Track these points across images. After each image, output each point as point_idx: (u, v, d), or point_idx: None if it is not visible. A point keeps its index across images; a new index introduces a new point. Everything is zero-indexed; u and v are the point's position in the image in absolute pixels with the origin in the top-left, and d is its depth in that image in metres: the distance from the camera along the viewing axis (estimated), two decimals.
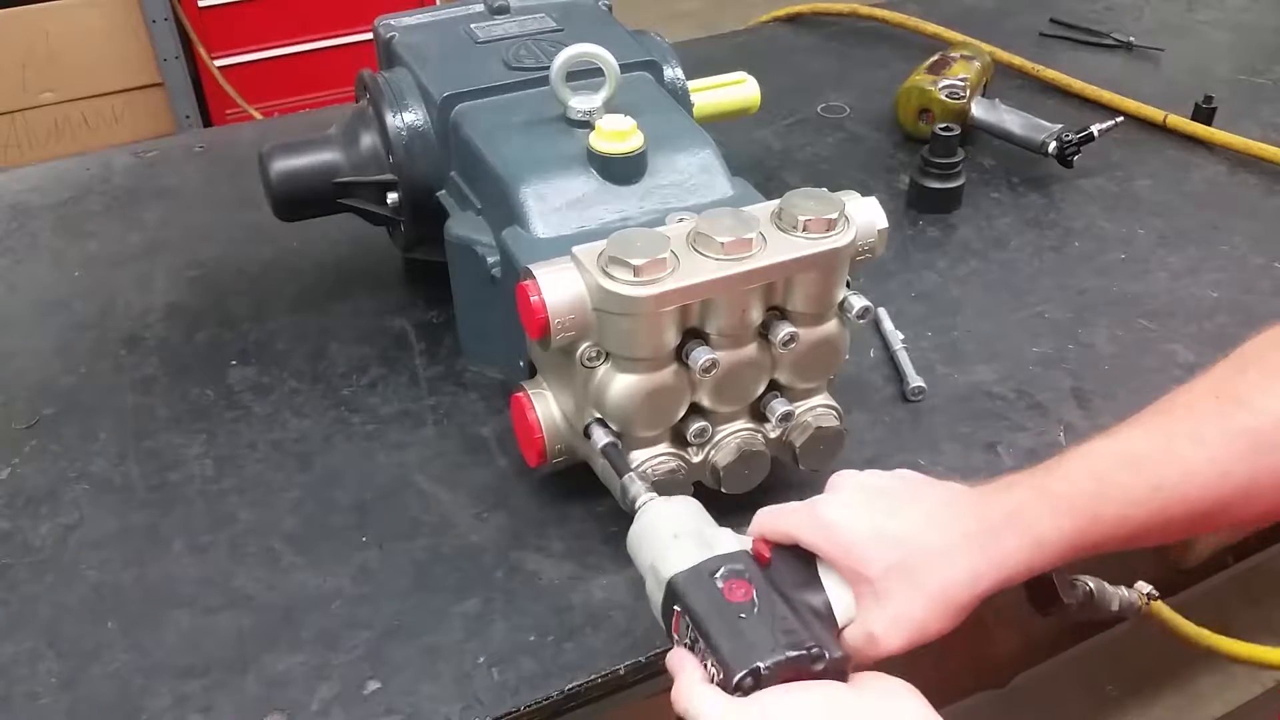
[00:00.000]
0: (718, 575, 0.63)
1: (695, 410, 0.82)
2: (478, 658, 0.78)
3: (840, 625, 0.65)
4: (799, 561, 0.67)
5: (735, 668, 0.58)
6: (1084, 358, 1.06)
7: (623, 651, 0.79)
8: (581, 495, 0.89)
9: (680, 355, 0.78)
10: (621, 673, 0.78)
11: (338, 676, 0.77)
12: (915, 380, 1.01)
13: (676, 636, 0.64)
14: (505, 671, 0.77)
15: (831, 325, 0.82)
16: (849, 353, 0.86)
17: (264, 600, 0.83)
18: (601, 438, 0.78)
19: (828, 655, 0.59)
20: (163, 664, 0.78)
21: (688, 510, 0.70)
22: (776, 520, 0.68)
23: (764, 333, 0.80)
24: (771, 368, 0.83)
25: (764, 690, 0.58)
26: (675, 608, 0.64)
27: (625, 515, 0.82)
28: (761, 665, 0.58)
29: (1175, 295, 1.14)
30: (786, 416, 0.83)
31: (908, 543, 0.64)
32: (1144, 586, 0.83)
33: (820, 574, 0.66)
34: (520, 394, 0.85)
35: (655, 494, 0.72)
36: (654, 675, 0.80)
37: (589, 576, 0.84)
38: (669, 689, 0.63)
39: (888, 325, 1.07)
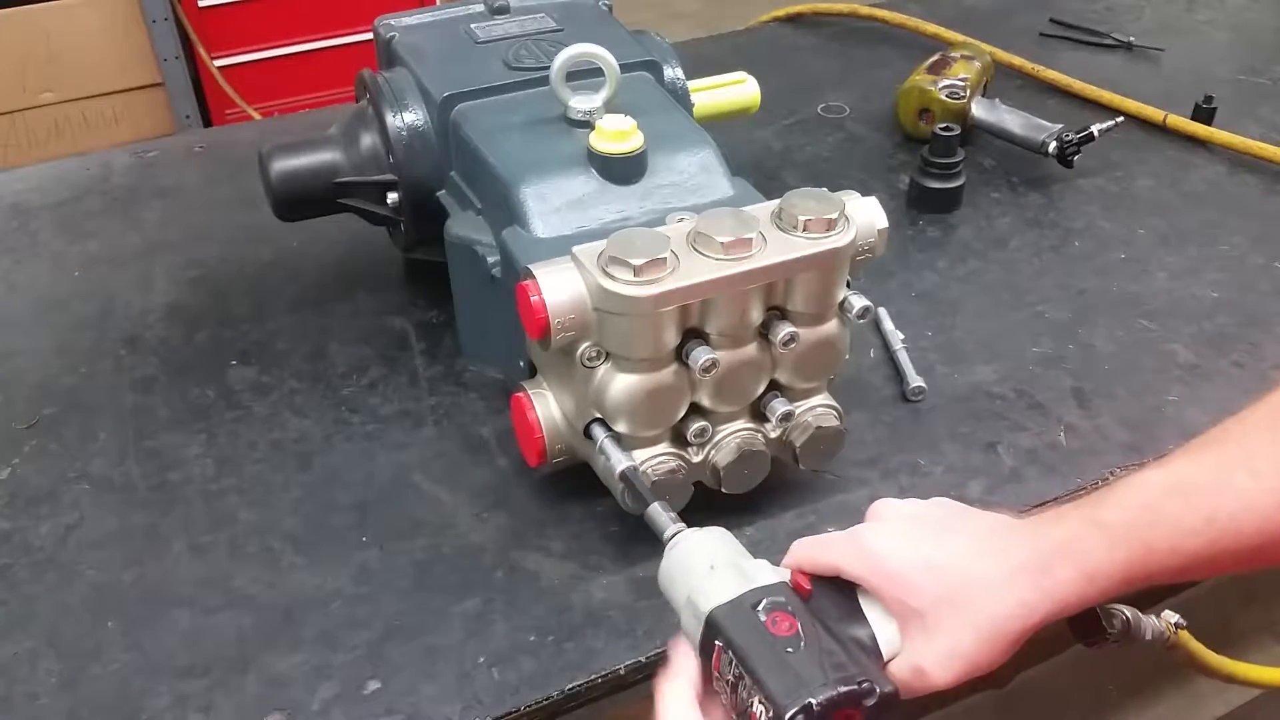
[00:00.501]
0: (760, 608, 0.61)
1: (695, 410, 0.82)
2: (478, 658, 0.78)
3: (885, 659, 0.63)
4: (840, 594, 0.65)
5: (786, 705, 0.57)
6: (1084, 358, 1.06)
7: (623, 651, 0.79)
8: (581, 495, 0.89)
9: (680, 355, 0.78)
10: (621, 673, 0.78)
11: (338, 676, 0.77)
12: (915, 380, 1.01)
13: (717, 674, 0.62)
14: (505, 671, 0.77)
15: (831, 325, 0.82)
16: (849, 353, 0.86)
17: (264, 600, 0.83)
18: (620, 461, 0.77)
19: (879, 690, 0.58)
20: (163, 664, 0.78)
21: (721, 541, 0.68)
22: (817, 551, 0.67)
23: (764, 333, 0.80)
24: (771, 368, 0.83)
25: None
26: (716, 643, 0.62)
27: (625, 515, 0.82)
28: (814, 701, 0.56)
29: (1175, 295, 1.14)
30: (787, 416, 0.83)
31: (957, 573, 0.62)
32: (1171, 616, 0.83)
33: (863, 606, 0.65)
34: (520, 394, 0.85)
35: (684, 525, 0.70)
36: (654, 675, 0.80)
37: (589, 576, 0.84)
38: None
39: (888, 325, 1.07)
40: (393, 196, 1.02)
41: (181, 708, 0.75)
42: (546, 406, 0.84)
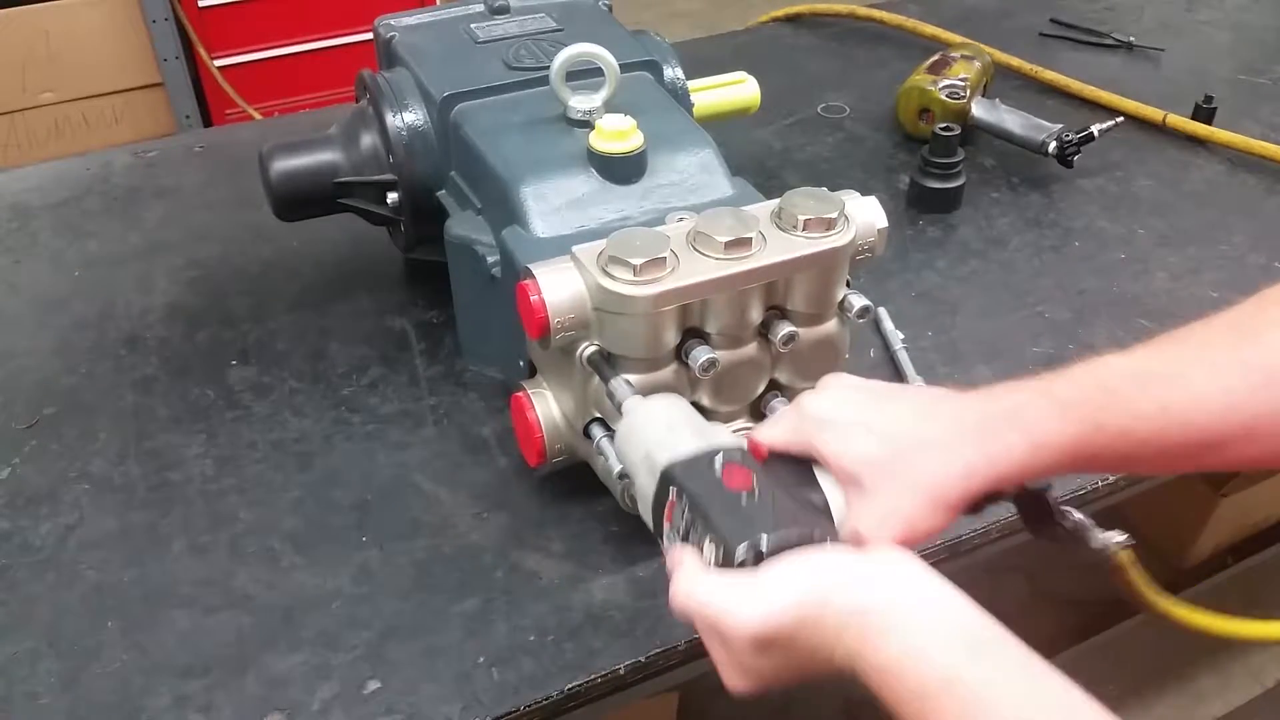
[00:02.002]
0: (715, 462, 0.62)
1: (695, 410, 0.82)
2: (478, 658, 0.78)
3: (837, 522, 0.63)
4: (795, 463, 0.65)
5: (736, 543, 0.57)
6: (1084, 358, 1.05)
7: (623, 651, 0.79)
8: (581, 495, 0.89)
9: (680, 355, 0.78)
10: (621, 673, 0.78)
11: (338, 676, 0.77)
12: (915, 380, 1.01)
13: (669, 525, 0.62)
14: (505, 671, 0.77)
15: (831, 325, 0.82)
16: (849, 353, 0.86)
17: (264, 600, 0.83)
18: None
19: (829, 541, 0.58)
20: (163, 664, 0.78)
21: (679, 406, 0.69)
22: (766, 427, 0.68)
23: (764, 332, 0.80)
24: (771, 367, 0.83)
25: (765, 563, 0.57)
26: (670, 492, 0.62)
27: (625, 515, 0.82)
28: (764, 538, 0.56)
29: (1175, 295, 1.14)
30: None
31: (898, 438, 0.62)
32: (1117, 535, 0.83)
33: (817, 476, 0.65)
34: (520, 394, 0.85)
35: (643, 396, 0.71)
36: (654, 675, 0.80)
37: (589, 576, 0.84)
38: (669, 689, 0.63)
39: (888, 325, 1.07)
40: (393, 196, 1.02)
41: (181, 708, 0.75)
42: (546, 406, 0.84)
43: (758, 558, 0.56)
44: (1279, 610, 1.80)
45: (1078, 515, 0.72)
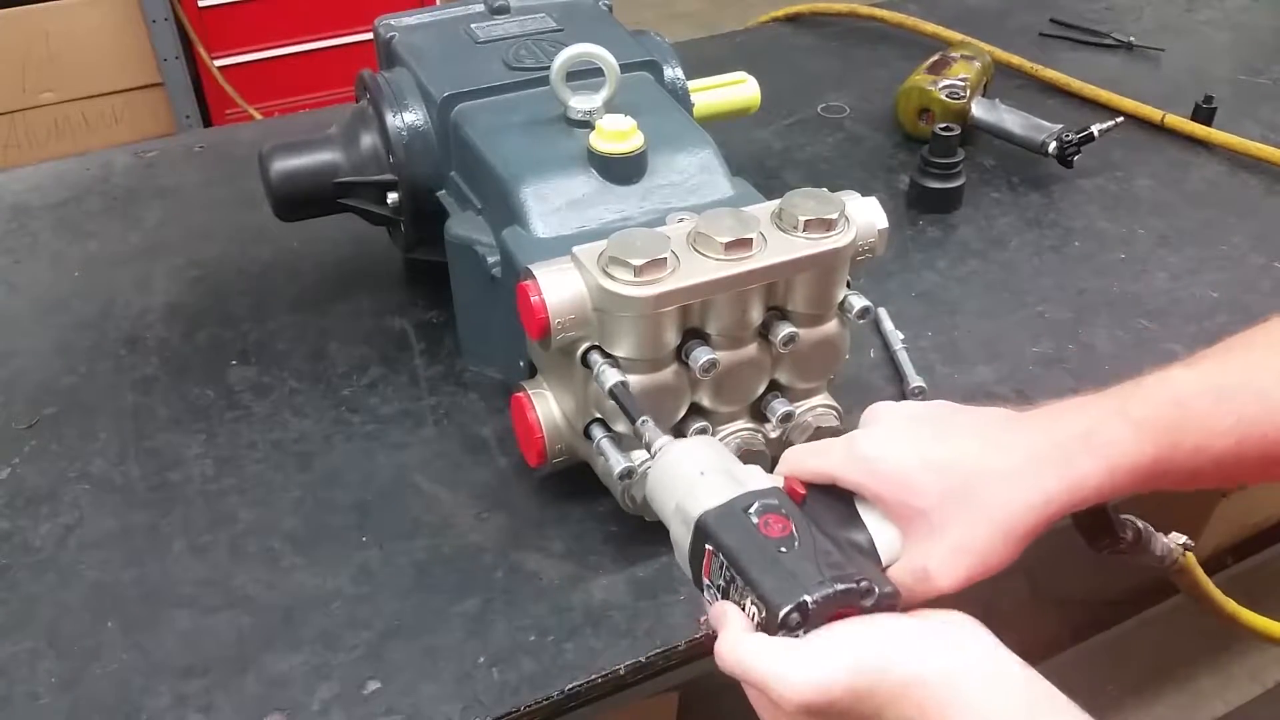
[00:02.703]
0: (751, 511, 0.58)
1: (695, 410, 0.82)
2: (478, 658, 0.78)
3: (884, 565, 0.60)
4: (836, 500, 0.62)
5: (779, 603, 0.54)
6: (1084, 358, 1.06)
7: (623, 651, 0.79)
8: (581, 495, 0.89)
9: (680, 355, 0.78)
10: (621, 673, 0.78)
11: (338, 676, 0.77)
12: (915, 380, 1.01)
13: (708, 581, 0.59)
14: (505, 671, 0.77)
15: (831, 325, 0.82)
16: (849, 353, 0.86)
17: (264, 600, 0.83)
18: (619, 462, 0.76)
19: (877, 590, 0.55)
20: (163, 664, 0.78)
21: (711, 448, 0.65)
22: (809, 459, 0.64)
23: (764, 333, 0.80)
24: (772, 368, 0.83)
25: (815, 630, 0.54)
26: (706, 547, 0.58)
27: (625, 515, 0.83)
28: (808, 599, 0.53)
29: (1175, 295, 1.14)
30: (787, 417, 0.83)
31: (964, 467, 0.59)
32: (1179, 537, 0.81)
33: (860, 512, 0.62)
34: (520, 394, 0.85)
35: (673, 436, 0.68)
36: (654, 675, 0.80)
37: (589, 576, 0.84)
38: (669, 689, 0.63)
39: (888, 325, 1.07)
40: (393, 196, 1.02)
41: (181, 708, 0.75)
42: (546, 406, 0.84)
43: (803, 617, 0.54)
44: (1278, 611, 1.80)
45: (1140, 524, 0.71)
